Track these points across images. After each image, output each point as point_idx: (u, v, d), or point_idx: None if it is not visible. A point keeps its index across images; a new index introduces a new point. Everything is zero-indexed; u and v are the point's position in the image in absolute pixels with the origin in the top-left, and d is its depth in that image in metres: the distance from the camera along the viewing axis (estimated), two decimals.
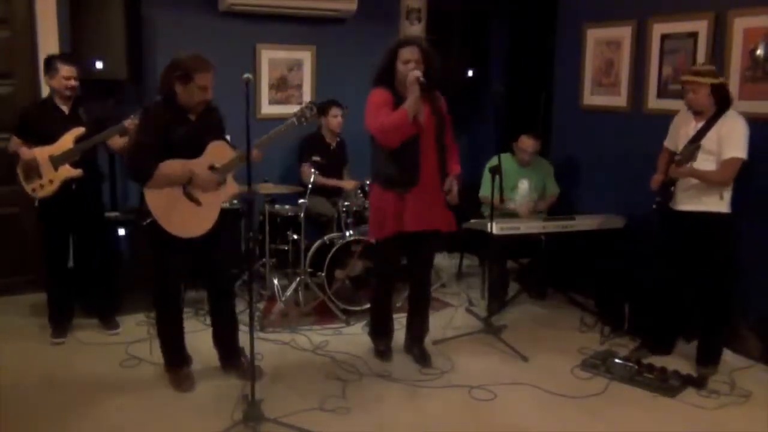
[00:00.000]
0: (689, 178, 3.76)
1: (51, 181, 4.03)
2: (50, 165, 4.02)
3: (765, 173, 3.99)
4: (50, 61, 4.08)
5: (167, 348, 3.67)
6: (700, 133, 3.76)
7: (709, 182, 3.74)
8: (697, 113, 3.81)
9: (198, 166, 3.42)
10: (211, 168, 3.45)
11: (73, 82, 4.08)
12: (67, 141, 4.04)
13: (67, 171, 4.03)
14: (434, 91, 3.76)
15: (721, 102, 3.74)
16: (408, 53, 3.66)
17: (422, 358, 4.03)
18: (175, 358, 3.68)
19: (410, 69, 3.63)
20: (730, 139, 3.68)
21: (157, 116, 3.38)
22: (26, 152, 4.03)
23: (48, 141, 4.04)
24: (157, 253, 3.52)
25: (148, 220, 3.39)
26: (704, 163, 3.71)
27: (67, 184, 4.06)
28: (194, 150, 3.43)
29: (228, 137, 3.71)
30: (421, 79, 3.57)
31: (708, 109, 3.76)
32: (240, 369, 3.74)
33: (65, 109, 4.13)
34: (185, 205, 3.44)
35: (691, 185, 3.79)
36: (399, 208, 3.74)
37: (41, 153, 4.02)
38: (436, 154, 3.77)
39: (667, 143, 4.08)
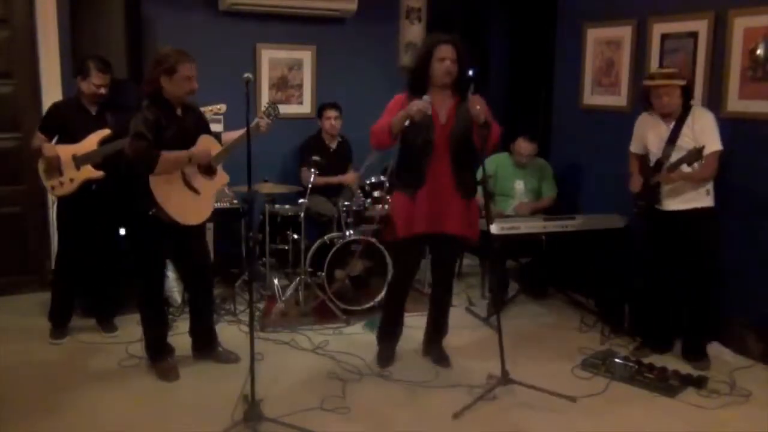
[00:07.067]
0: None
1: (71, 180, 4.01)
2: (72, 164, 3.99)
3: (766, 173, 3.99)
4: (85, 64, 4.02)
5: (154, 341, 3.79)
6: (675, 133, 3.83)
7: (697, 181, 3.80)
8: (665, 115, 3.87)
9: (194, 149, 3.62)
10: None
11: (103, 90, 4.03)
12: (91, 142, 4.01)
13: (89, 172, 4.01)
14: (465, 94, 3.57)
15: (687, 100, 3.84)
16: (444, 51, 3.56)
17: (441, 359, 4.00)
18: (161, 350, 3.81)
19: (446, 67, 3.55)
20: (705, 133, 3.76)
21: (149, 115, 3.47)
22: (50, 149, 3.98)
23: (72, 140, 4.02)
24: (147, 245, 3.64)
25: (154, 209, 3.50)
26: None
27: (87, 184, 4.03)
28: (186, 145, 3.59)
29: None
30: (428, 113, 3.49)
31: (677, 109, 3.84)
32: (217, 356, 3.92)
33: (92, 110, 4.09)
34: (186, 193, 3.63)
35: (680, 185, 3.84)
36: (409, 211, 3.66)
37: (64, 151, 3.99)
38: (449, 156, 3.63)
39: (634, 149, 4.15)
